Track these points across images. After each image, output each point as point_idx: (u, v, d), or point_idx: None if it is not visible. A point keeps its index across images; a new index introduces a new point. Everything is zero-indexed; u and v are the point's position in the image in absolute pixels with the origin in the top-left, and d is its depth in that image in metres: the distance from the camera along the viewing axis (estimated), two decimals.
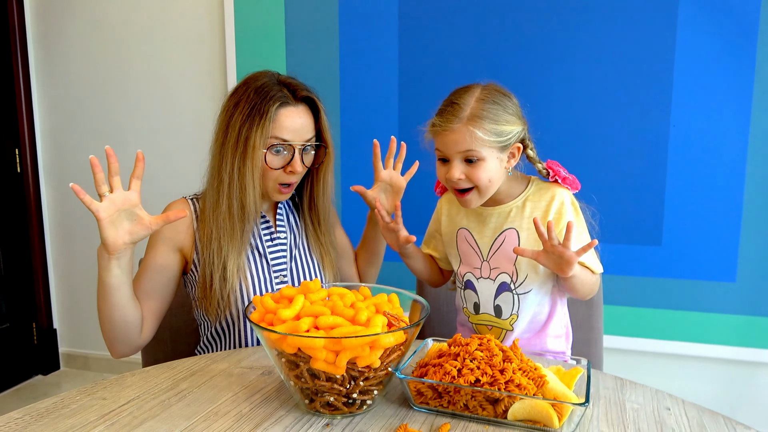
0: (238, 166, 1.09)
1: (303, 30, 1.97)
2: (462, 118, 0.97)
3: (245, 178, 1.09)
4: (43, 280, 2.49)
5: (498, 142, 0.98)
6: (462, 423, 0.78)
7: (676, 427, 0.78)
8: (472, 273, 1.10)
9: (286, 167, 1.12)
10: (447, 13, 1.83)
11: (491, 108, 0.97)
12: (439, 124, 0.99)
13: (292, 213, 1.26)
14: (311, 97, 1.14)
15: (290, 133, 1.10)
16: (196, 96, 2.19)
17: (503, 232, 1.06)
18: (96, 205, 0.93)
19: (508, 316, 1.08)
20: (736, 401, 1.80)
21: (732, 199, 1.69)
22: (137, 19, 2.21)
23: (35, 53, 2.38)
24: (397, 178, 1.28)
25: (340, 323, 0.77)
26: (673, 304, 1.77)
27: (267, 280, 1.17)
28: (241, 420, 0.78)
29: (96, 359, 2.52)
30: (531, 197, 1.07)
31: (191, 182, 2.14)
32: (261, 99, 1.08)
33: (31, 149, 2.40)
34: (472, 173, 0.99)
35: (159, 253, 1.13)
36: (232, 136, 1.09)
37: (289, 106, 1.11)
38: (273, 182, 1.13)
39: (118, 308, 1.02)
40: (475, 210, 1.09)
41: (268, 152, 1.10)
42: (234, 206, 1.10)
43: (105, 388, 0.88)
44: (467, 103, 0.98)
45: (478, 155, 0.98)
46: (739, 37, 1.63)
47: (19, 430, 0.75)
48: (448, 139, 0.99)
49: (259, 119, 1.07)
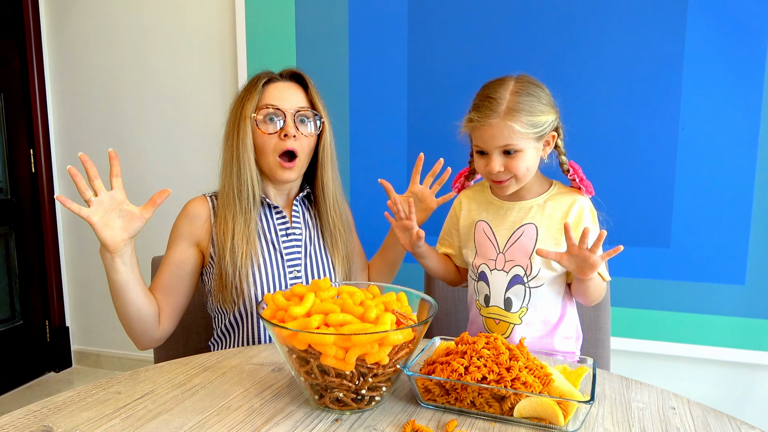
0: (234, 144, 1.16)
1: (313, 31, 1.99)
2: (499, 112, 0.98)
3: (242, 156, 1.15)
4: (56, 279, 2.53)
5: (535, 133, 1.00)
6: (469, 420, 0.80)
7: (680, 426, 0.79)
8: (487, 264, 1.11)
9: (280, 132, 1.16)
10: (456, 15, 1.84)
11: (526, 100, 0.99)
12: (477, 119, 1.00)
13: (307, 210, 1.29)
14: (298, 72, 1.22)
15: (279, 101, 1.16)
16: (208, 97, 2.21)
17: (522, 227, 1.08)
18: (85, 212, 0.97)
19: (518, 309, 1.09)
20: (742, 404, 1.79)
21: (741, 202, 1.68)
22: (150, 22, 2.25)
23: (50, 56, 2.42)
24: (429, 197, 1.30)
25: (350, 320, 0.79)
26: (681, 307, 1.77)
27: (281, 275, 1.19)
28: (252, 414, 0.80)
29: (107, 357, 2.55)
30: (552, 198, 1.09)
31: (203, 182, 2.17)
32: (252, 82, 1.18)
33: (45, 150, 2.44)
34: (511, 164, 1.01)
35: (178, 249, 1.17)
36: (230, 121, 1.18)
37: (276, 81, 1.19)
38: (272, 156, 1.17)
39: (130, 304, 1.07)
40: (496, 203, 1.12)
41: (262, 121, 1.16)
42: (234, 183, 1.16)
43: (120, 383, 0.90)
44: (503, 97, 0.99)
45: (516, 147, 1.00)
46: (748, 39, 1.62)
47: (37, 421, 0.77)
48: (486, 134, 1.00)
49: (247, 94, 1.16)
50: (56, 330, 2.54)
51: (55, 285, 2.53)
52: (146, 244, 2.34)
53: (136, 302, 1.07)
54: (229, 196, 1.16)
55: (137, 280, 1.06)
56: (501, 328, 1.11)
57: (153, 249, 2.08)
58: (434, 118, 1.90)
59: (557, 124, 1.06)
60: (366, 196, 1.98)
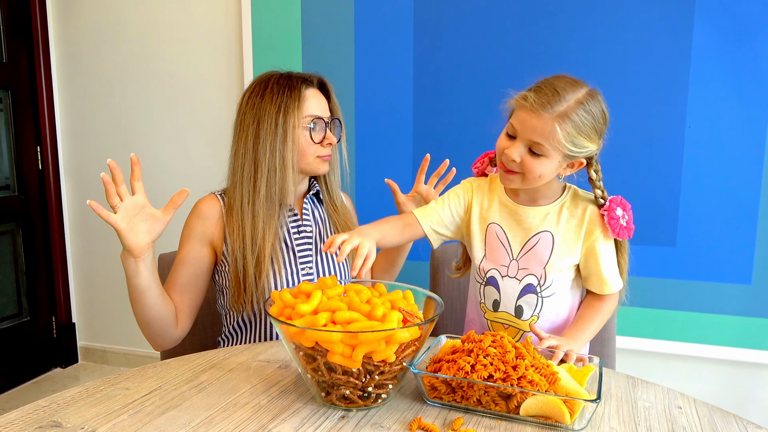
0: (279, 149, 1.16)
1: (319, 31, 1.99)
2: (555, 110, 0.93)
3: (286, 159, 1.16)
4: (62, 275, 2.54)
5: (569, 150, 0.95)
6: (475, 418, 0.80)
7: (687, 425, 0.79)
8: (498, 270, 1.08)
9: (323, 141, 1.20)
10: (462, 13, 1.84)
11: (585, 117, 0.94)
12: (532, 102, 0.94)
13: (316, 208, 1.29)
14: (322, 80, 1.25)
15: (318, 110, 1.19)
16: (214, 96, 2.22)
17: (538, 234, 1.05)
18: (113, 218, 0.98)
19: (529, 317, 1.07)
20: (748, 403, 1.79)
21: (748, 201, 1.68)
22: (156, 20, 2.25)
23: (57, 54, 2.42)
24: (434, 196, 1.30)
25: (357, 318, 0.79)
26: (687, 306, 1.76)
27: (294, 272, 1.20)
28: (259, 411, 0.81)
29: (113, 353, 2.57)
30: (567, 204, 1.06)
31: (209, 181, 2.18)
32: (289, 87, 1.18)
33: (52, 147, 2.45)
34: (529, 162, 0.97)
35: (192, 248, 1.18)
36: (268, 125, 1.16)
37: (311, 86, 1.21)
38: (312, 156, 1.20)
39: (151, 308, 1.08)
40: (511, 208, 1.08)
41: (306, 129, 1.18)
42: (273, 189, 1.16)
43: (128, 379, 0.91)
44: (567, 99, 0.94)
45: (544, 151, 0.96)
46: (756, 37, 1.62)
47: (46, 417, 0.78)
48: (528, 121, 0.95)
49: (293, 103, 1.16)
50: (63, 326, 2.56)
51: (62, 281, 2.54)
52: None
53: (157, 305, 1.09)
54: (265, 199, 1.16)
55: (157, 283, 1.08)
56: (510, 332, 1.09)
57: (157, 246, 2.09)
58: (440, 117, 1.90)
59: (593, 155, 1.01)
60: (371, 195, 1.98)
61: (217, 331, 1.37)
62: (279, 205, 1.18)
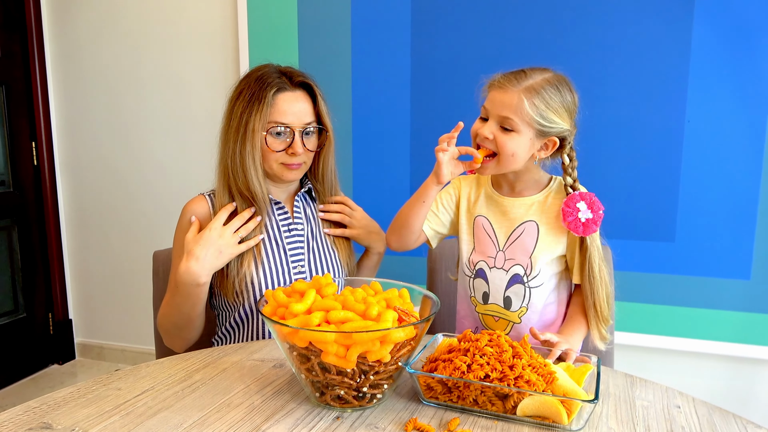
0: (239, 150, 1.14)
1: (316, 27, 1.97)
2: (521, 85, 0.98)
3: (246, 161, 1.13)
4: (58, 271, 2.53)
5: (539, 124, 0.98)
6: (471, 418, 0.79)
7: (686, 425, 0.78)
8: (486, 262, 1.10)
9: (288, 149, 1.15)
10: (460, 10, 1.82)
11: (551, 91, 0.98)
12: (499, 81, 1.01)
13: (309, 206, 1.28)
14: (308, 82, 1.18)
15: (288, 116, 1.14)
16: (209, 92, 2.20)
17: (523, 224, 1.07)
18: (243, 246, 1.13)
19: (518, 308, 1.08)
20: (748, 399, 1.79)
21: (747, 196, 1.67)
22: (152, 15, 2.23)
23: (52, 49, 2.40)
24: None
25: (351, 318, 0.78)
26: (685, 301, 1.76)
27: (285, 271, 1.19)
28: (252, 412, 0.80)
29: (110, 349, 2.56)
30: (553, 194, 1.07)
31: (204, 178, 2.16)
32: (260, 86, 1.13)
33: (47, 143, 2.43)
34: (501, 139, 1.00)
35: None
36: (234, 123, 1.15)
37: (286, 91, 1.15)
38: (276, 163, 1.17)
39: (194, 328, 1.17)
40: (496, 200, 1.10)
41: (268, 135, 1.14)
42: (238, 185, 1.15)
43: (120, 379, 0.90)
44: (533, 77, 0.99)
45: (514, 126, 0.99)
46: (755, 33, 1.60)
47: (36, 418, 0.77)
48: (497, 98, 1.00)
49: (258, 104, 1.12)
50: (59, 323, 2.55)
51: (58, 278, 2.53)
52: (147, 238, 2.34)
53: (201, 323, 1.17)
54: (236, 197, 1.16)
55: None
56: (500, 325, 1.11)
57: (154, 243, 2.08)
58: (437, 114, 1.88)
59: (566, 135, 1.03)
60: (368, 192, 1.96)
61: (212, 331, 1.35)
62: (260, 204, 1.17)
